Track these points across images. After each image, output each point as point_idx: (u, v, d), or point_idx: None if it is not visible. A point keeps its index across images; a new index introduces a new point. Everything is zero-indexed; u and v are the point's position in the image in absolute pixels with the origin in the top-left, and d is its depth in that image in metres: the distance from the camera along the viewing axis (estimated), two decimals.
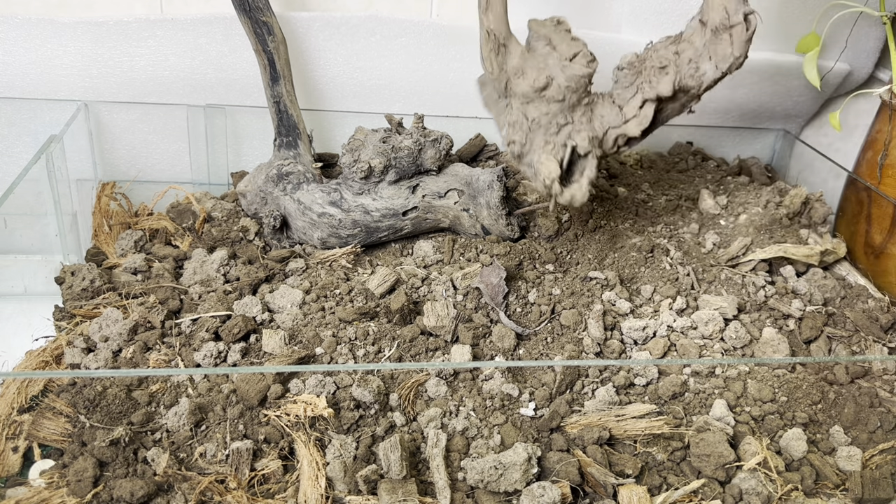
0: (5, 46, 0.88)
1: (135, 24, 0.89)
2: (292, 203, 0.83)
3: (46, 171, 0.79)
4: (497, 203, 0.81)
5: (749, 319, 0.76)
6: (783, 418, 0.66)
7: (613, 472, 0.60)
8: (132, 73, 0.91)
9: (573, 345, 0.72)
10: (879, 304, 0.79)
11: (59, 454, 0.60)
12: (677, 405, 0.66)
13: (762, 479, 0.60)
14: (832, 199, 0.94)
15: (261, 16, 0.84)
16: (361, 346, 0.70)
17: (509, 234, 0.84)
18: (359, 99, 0.98)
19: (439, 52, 0.96)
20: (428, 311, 0.72)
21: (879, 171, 0.87)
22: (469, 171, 0.83)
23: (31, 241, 0.88)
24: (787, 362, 0.71)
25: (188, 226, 0.87)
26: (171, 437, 0.61)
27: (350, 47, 0.95)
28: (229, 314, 0.72)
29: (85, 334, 0.70)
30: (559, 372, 0.66)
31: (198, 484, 0.57)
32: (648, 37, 0.99)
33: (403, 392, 0.64)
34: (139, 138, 0.96)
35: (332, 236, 0.82)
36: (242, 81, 0.94)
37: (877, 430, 0.66)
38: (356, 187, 0.82)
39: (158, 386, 0.64)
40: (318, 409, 0.60)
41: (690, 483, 0.60)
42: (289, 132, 0.88)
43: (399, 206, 0.82)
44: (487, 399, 0.65)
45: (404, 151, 0.81)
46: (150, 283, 0.77)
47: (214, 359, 0.68)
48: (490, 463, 0.58)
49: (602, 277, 0.81)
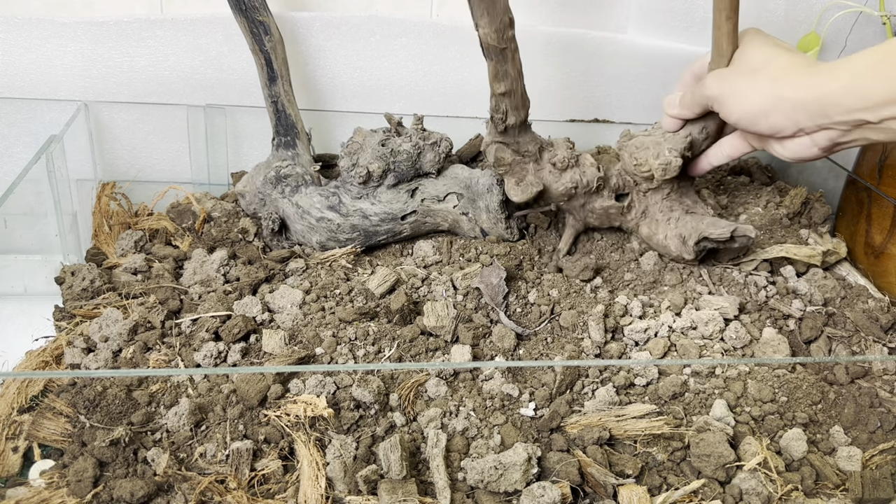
0: (5, 46, 0.88)
1: (135, 24, 0.89)
2: (291, 207, 0.83)
3: (46, 171, 0.79)
4: (497, 207, 0.81)
5: (749, 319, 0.76)
6: (783, 418, 0.66)
7: (613, 472, 0.60)
8: (132, 73, 0.91)
9: (573, 345, 0.72)
10: (879, 305, 0.79)
11: (59, 454, 0.60)
12: (677, 405, 0.66)
13: (762, 479, 0.60)
14: (832, 199, 0.94)
15: (257, 15, 0.84)
16: (361, 346, 0.70)
17: (509, 237, 0.83)
18: (359, 99, 0.98)
19: (439, 52, 0.96)
20: (428, 311, 0.72)
21: (879, 172, 0.87)
22: (468, 174, 0.83)
23: (31, 241, 0.88)
24: (787, 362, 0.71)
25: (188, 226, 0.87)
26: (171, 438, 0.61)
27: (350, 47, 0.95)
28: (229, 314, 0.72)
29: (85, 334, 0.70)
30: (559, 372, 0.66)
31: (198, 484, 0.57)
32: (654, 37, 0.99)
33: (403, 392, 0.64)
34: (139, 138, 0.96)
35: (331, 240, 0.82)
36: (242, 81, 0.94)
37: (877, 430, 0.66)
38: (355, 191, 0.82)
39: (158, 386, 0.64)
40: (318, 410, 0.60)
41: (690, 483, 0.60)
42: (287, 132, 0.88)
43: (398, 210, 0.82)
44: (487, 399, 0.65)
45: (403, 155, 0.81)
46: (150, 283, 0.77)
47: (214, 359, 0.67)
48: (490, 463, 0.58)
49: (601, 279, 0.81)
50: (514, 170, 0.78)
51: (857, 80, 0.61)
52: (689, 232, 0.76)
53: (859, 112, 0.61)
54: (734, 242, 0.77)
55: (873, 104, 0.60)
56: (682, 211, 0.78)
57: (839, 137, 0.65)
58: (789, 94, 0.65)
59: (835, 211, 0.94)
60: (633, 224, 0.82)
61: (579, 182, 0.78)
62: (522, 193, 0.77)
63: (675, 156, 0.75)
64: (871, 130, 0.62)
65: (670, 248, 0.78)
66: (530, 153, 0.78)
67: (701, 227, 0.76)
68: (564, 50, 0.99)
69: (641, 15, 0.98)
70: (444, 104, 1.00)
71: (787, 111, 0.65)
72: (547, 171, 0.79)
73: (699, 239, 0.76)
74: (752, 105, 0.67)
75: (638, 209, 0.80)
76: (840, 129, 0.64)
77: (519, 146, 0.77)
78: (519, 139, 0.77)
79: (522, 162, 0.78)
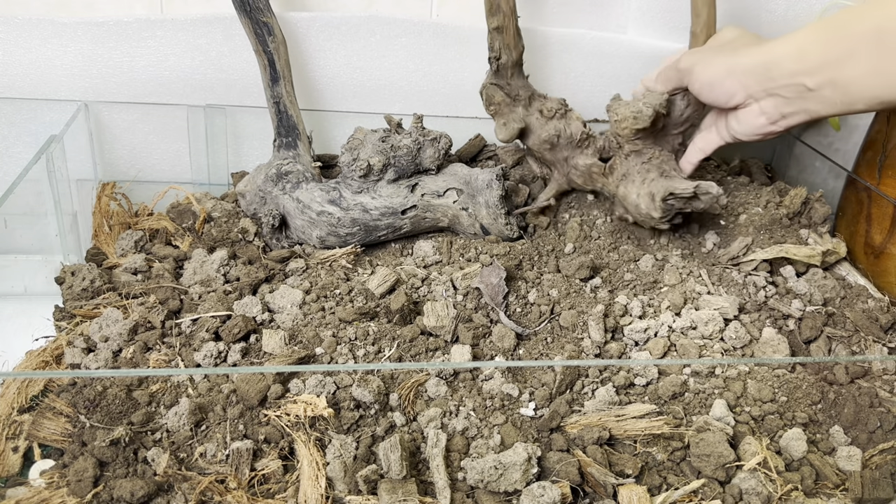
0: (5, 46, 0.88)
1: (135, 24, 0.89)
2: (291, 202, 0.83)
3: (46, 171, 0.79)
4: (496, 202, 0.81)
5: (749, 319, 0.76)
6: (783, 418, 0.66)
7: (613, 472, 0.60)
8: (132, 73, 0.91)
9: (573, 345, 0.72)
10: (879, 304, 0.79)
11: (59, 454, 0.60)
12: (677, 405, 0.66)
13: (762, 479, 0.60)
14: (832, 199, 0.94)
15: (261, 16, 0.84)
16: (361, 346, 0.70)
17: (508, 233, 0.84)
18: (359, 99, 0.98)
19: (439, 52, 0.96)
20: (428, 311, 0.72)
21: (879, 172, 0.87)
22: (468, 171, 0.84)
23: (31, 241, 0.88)
24: (787, 362, 0.71)
25: (188, 226, 0.87)
26: (172, 437, 0.61)
27: (350, 47, 0.95)
28: (229, 314, 0.72)
29: (85, 334, 0.70)
30: (559, 372, 0.66)
31: (198, 484, 0.57)
32: (654, 37, 0.99)
33: (403, 392, 0.64)
34: (139, 138, 0.96)
35: (331, 235, 0.82)
36: (242, 81, 0.94)
37: (877, 430, 0.66)
38: (355, 186, 0.82)
39: (158, 386, 0.64)
40: (318, 409, 0.60)
41: (690, 483, 0.60)
42: (288, 133, 0.88)
43: (398, 204, 0.82)
44: (487, 399, 0.65)
45: (403, 150, 0.81)
46: (150, 283, 0.77)
47: (214, 359, 0.68)
48: (490, 463, 0.58)
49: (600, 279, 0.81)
50: (502, 111, 0.82)
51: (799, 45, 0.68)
52: (658, 189, 0.78)
53: (799, 76, 0.68)
54: (700, 202, 0.78)
55: (810, 67, 0.67)
56: (657, 174, 0.81)
57: (784, 106, 0.71)
58: (743, 61, 0.72)
59: (835, 211, 0.94)
60: (613, 187, 0.84)
61: (563, 132, 0.82)
62: (506, 131, 0.81)
63: (648, 107, 0.78)
64: (811, 100, 0.68)
65: (640, 207, 0.80)
66: (521, 98, 0.82)
67: (668, 184, 0.78)
68: (564, 50, 0.99)
69: (641, 15, 0.98)
70: (443, 104, 1.00)
71: (739, 76, 0.72)
72: (534, 118, 0.83)
73: (665, 195, 0.77)
74: (712, 73, 0.75)
75: (619, 172, 0.82)
76: (784, 97, 0.70)
77: (511, 89, 0.82)
78: (511, 82, 0.82)
79: (512, 104, 0.82)
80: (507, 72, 0.82)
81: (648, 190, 0.79)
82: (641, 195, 0.80)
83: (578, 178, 0.85)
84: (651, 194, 0.79)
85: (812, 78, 0.67)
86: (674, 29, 0.98)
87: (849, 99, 0.66)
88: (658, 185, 0.79)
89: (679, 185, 0.78)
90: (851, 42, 0.64)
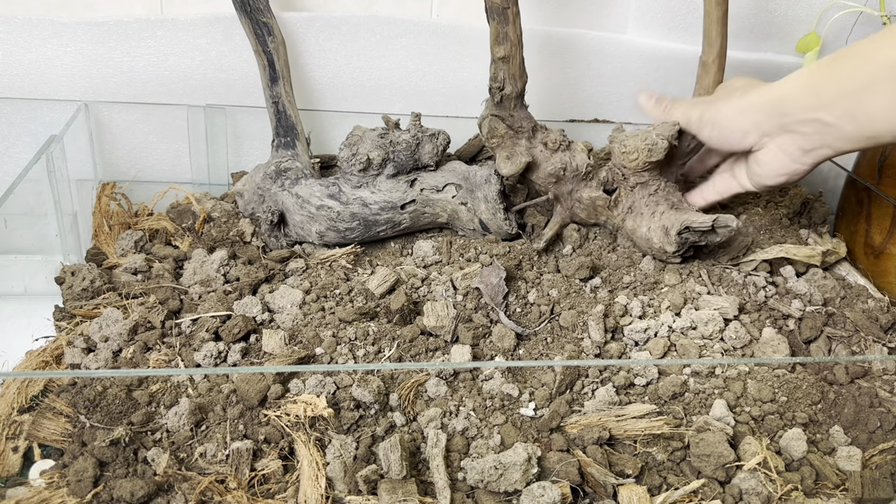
0: (5, 46, 0.88)
1: (135, 24, 0.89)
2: (290, 197, 0.83)
3: (46, 171, 0.79)
4: (495, 196, 0.81)
5: (749, 319, 0.76)
6: (783, 418, 0.66)
7: (613, 472, 0.60)
8: (132, 73, 0.91)
9: (573, 345, 0.72)
10: (879, 304, 0.79)
11: (59, 454, 0.60)
12: (677, 405, 0.66)
13: (762, 479, 0.60)
14: (832, 199, 0.94)
15: (261, 17, 0.84)
16: (361, 346, 0.70)
17: (507, 229, 0.83)
18: (359, 99, 0.98)
19: (439, 52, 0.96)
20: (428, 311, 0.72)
21: (879, 172, 0.87)
22: (467, 168, 0.84)
23: (31, 241, 0.88)
24: (787, 362, 0.71)
25: (188, 226, 0.87)
26: (171, 437, 0.61)
27: (350, 47, 0.95)
28: (229, 314, 0.72)
29: (85, 334, 0.70)
30: (559, 372, 0.66)
31: (198, 484, 0.57)
32: (654, 37, 0.99)
33: (403, 392, 0.64)
34: (139, 138, 0.96)
35: (331, 230, 0.82)
36: (242, 81, 0.94)
37: (877, 430, 0.66)
38: (354, 180, 0.82)
39: (158, 386, 0.64)
40: (318, 409, 0.60)
41: (690, 483, 0.60)
42: (287, 133, 0.88)
43: (397, 198, 0.82)
44: (487, 399, 0.65)
45: (402, 145, 0.81)
46: (150, 283, 0.77)
47: (214, 359, 0.68)
48: (490, 463, 0.58)
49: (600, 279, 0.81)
50: (505, 143, 0.80)
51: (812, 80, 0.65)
52: (672, 223, 0.77)
53: (815, 110, 0.65)
54: (716, 235, 0.77)
55: (826, 101, 0.64)
56: (667, 206, 0.79)
57: (804, 143, 0.68)
58: (753, 100, 0.70)
59: (835, 211, 0.94)
60: (618, 220, 0.82)
61: (568, 164, 0.80)
62: (512, 165, 0.79)
63: (662, 139, 0.77)
64: (830, 136, 0.65)
65: (653, 241, 0.79)
66: (524, 130, 0.80)
67: (683, 217, 0.77)
68: (564, 50, 0.99)
69: (641, 15, 0.98)
70: (443, 104, 1.00)
71: (750, 113, 0.70)
72: (538, 150, 0.81)
73: (681, 229, 0.76)
74: (723, 115, 0.72)
75: (625, 204, 0.81)
76: (801, 133, 0.67)
77: (513, 121, 0.80)
78: (514, 113, 0.80)
79: (515, 137, 0.80)
80: (511, 103, 0.79)
81: (661, 223, 0.77)
82: (653, 228, 0.78)
83: (582, 212, 0.84)
84: (664, 227, 0.77)
85: (829, 112, 0.64)
86: (673, 29, 0.98)
87: (871, 133, 0.63)
88: (671, 218, 0.77)
89: (695, 218, 0.76)
90: (869, 74, 0.61)
